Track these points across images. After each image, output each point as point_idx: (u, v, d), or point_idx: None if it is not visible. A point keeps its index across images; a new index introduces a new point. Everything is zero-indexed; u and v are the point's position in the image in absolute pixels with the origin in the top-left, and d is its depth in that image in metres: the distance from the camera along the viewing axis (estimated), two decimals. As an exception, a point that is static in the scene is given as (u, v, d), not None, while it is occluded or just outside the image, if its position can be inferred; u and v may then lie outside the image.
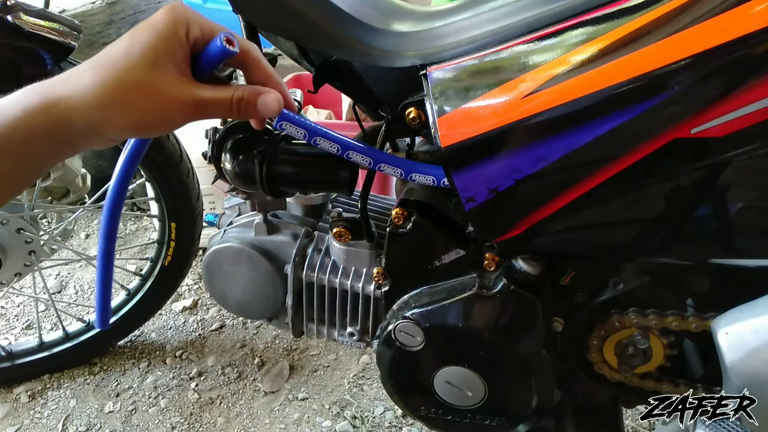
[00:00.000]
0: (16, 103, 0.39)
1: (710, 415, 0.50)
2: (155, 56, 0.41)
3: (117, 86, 0.41)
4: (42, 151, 0.41)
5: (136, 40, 0.42)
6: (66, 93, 0.40)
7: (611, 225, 0.55)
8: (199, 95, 0.43)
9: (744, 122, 0.43)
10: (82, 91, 0.40)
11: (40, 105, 0.40)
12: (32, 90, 0.40)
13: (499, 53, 0.51)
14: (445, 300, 0.63)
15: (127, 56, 0.41)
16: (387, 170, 0.57)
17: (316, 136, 0.56)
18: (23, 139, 0.39)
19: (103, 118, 0.41)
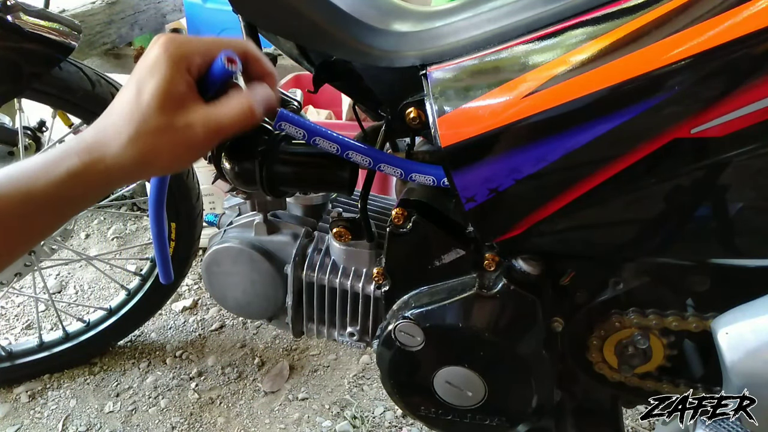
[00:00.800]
0: (58, 162, 0.43)
1: (710, 415, 0.50)
2: (164, 100, 0.44)
3: (142, 138, 0.44)
4: (81, 206, 0.46)
5: (143, 88, 0.44)
6: (101, 154, 0.44)
7: (611, 225, 0.55)
8: (216, 119, 0.46)
9: (744, 122, 0.43)
10: (115, 152, 0.44)
11: (81, 166, 0.43)
12: (70, 151, 0.44)
13: (499, 53, 0.51)
14: (445, 300, 0.63)
15: (140, 107, 0.44)
16: (387, 170, 0.57)
17: (315, 136, 0.56)
18: (68, 196, 0.44)
19: (140, 168, 0.45)
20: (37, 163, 0.43)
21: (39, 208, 0.43)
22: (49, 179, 0.42)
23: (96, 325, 1.35)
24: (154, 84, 0.44)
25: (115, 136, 0.44)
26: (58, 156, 0.44)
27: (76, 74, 1.02)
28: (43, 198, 0.42)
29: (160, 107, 0.44)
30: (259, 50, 0.51)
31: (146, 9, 2.01)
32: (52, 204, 0.43)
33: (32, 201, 0.42)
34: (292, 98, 0.72)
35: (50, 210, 0.44)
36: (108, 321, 1.35)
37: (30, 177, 0.42)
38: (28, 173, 0.43)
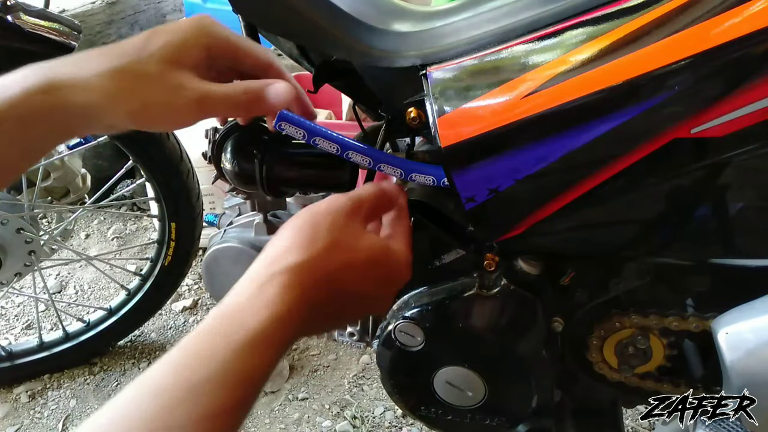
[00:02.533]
0: (14, 84, 0.38)
1: (710, 415, 0.50)
2: (171, 55, 0.41)
3: (125, 75, 0.40)
4: (38, 133, 0.39)
5: (155, 38, 0.41)
6: (68, 75, 0.39)
7: (611, 225, 0.55)
8: (206, 90, 0.42)
9: (744, 122, 0.43)
10: (85, 76, 0.39)
11: (40, 85, 0.38)
12: (32, 70, 0.39)
13: (499, 53, 0.51)
14: (445, 300, 0.63)
15: (142, 50, 0.40)
16: (387, 170, 0.57)
17: (315, 137, 0.56)
18: (19, 119, 0.38)
19: (104, 104, 0.40)
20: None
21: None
22: (1, 98, 0.37)
23: (96, 325, 1.35)
24: (169, 38, 0.41)
25: (95, 62, 0.39)
26: (19, 74, 0.38)
27: (76, 74, 1.02)
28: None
29: (162, 58, 0.40)
30: (254, 43, 0.48)
31: (146, 9, 2.01)
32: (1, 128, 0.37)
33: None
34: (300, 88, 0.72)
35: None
36: (108, 321, 1.35)
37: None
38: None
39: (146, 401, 0.31)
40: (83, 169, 1.43)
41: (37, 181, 1.26)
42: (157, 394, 0.31)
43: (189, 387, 0.31)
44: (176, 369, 0.32)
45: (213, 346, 0.34)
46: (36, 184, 1.26)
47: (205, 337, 0.34)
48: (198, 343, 0.34)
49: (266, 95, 0.45)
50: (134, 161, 1.16)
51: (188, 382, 0.32)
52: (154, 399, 0.31)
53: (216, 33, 0.44)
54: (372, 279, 0.44)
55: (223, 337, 0.34)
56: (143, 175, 1.19)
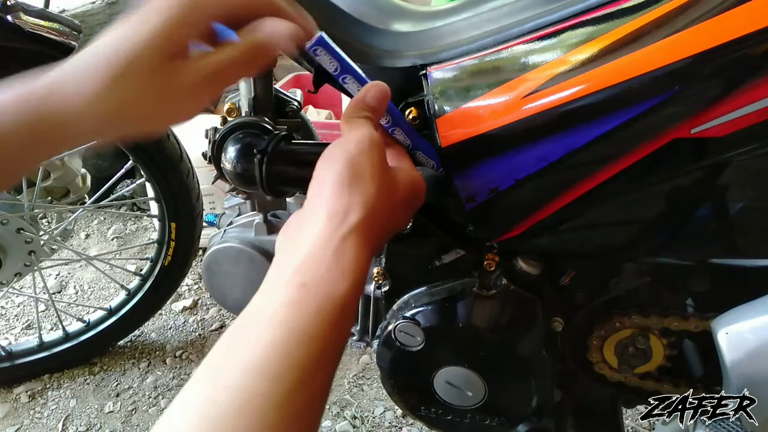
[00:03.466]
0: (5, 109, 0.35)
1: (710, 415, 0.50)
2: (165, 42, 0.36)
3: (126, 80, 0.35)
4: (33, 158, 0.37)
5: (141, 27, 0.36)
6: (62, 107, 0.35)
7: (611, 225, 0.55)
8: (208, 70, 0.38)
9: (744, 122, 0.43)
10: (79, 106, 0.35)
11: (30, 116, 0.35)
12: (21, 100, 0.35)
13: (499, 53, 0.51)
14: (445, 300, 0.63)
15: (134, 44, 0.35)
16: (398, 135, 0.54)
17: (346, 74, 0.52)
18: (15, 146, 0.35)
19: (115, 119, 0.37)
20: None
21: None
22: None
23: (96, 325, 1.35)
24: (158, 23, 0.36)
25: (89, 84, 0.35)
26: (11, 99, 0.35)
27: (76, 74, 1.02)
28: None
29: (159, 48, 0.36)
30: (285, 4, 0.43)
31: (146, 9, 2.01)
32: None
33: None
34: (292, 98, 0.72)
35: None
36: (108, 321, 1.35)
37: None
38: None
39: (268, 387, 0.31)
40: (83, 169, 1.43)
41: (37, 181, 1.26)
42: (277, 380, 0.31)
43: (303, 368, 0.32)
44: (285, 352, 0.32)
45: (311, 323, 0.34)
46: (36, 184, 1.26)
47: (298, 311, 0.34)
48: (294, 320, 0.34)
49: (270, 42, 0.41)
50: (134, 161, 1.16)
51: (301, 364, 0.32)
52: (277, 384, 0.31)
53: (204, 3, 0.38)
54: (407, 207, 0.45)
55: (316, 312, 0.34)
56: (143, 175, 1.19)
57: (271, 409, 0.30)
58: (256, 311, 0.35)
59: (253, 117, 0.66)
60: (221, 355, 0.33)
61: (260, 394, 0.31)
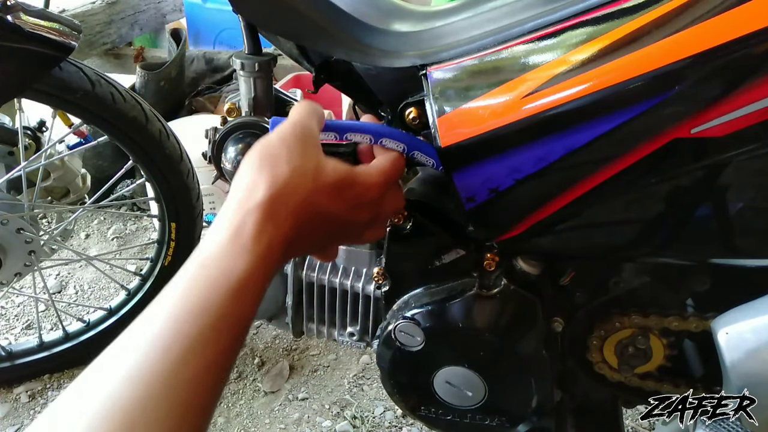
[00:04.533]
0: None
1: (710, 415, 0.50)
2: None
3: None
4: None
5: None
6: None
7: (611, 225, 0.55)
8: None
9: (744, 122, 0.43)
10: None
11: None
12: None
13: (499, 53, 0.51)
14: (445, 300, 0.63)
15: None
16: (388, 144, 0.54)
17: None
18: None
19: None
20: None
21: None
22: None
23: (96, 325, 1.35)
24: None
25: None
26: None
27: (76, 74, 1.02)
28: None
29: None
30: None
31: (146, 9, 2.01)
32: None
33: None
34: (292, 98, 0.72)
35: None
36: (108, 321, 1.35)
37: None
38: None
39: (157, 358, 0.32)
40: (83, 169, 1.43)
41: (37, 181, 1.26)
42: (165, 350, 0.32)
43: (192, 339, 0.33)
44: (176, 324, 0.34)
45: (204, 298, 0.35)
46: (36, 184, 1.26)
47: (193, 287, 0.36)
48: (189, 296, 0.35)
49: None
50: (134, 161, 1.15)
51: (190, 334, 0.33)
52: (164, 355, 0.32)
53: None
54: (343, 202, 0.45)
55: (211, 287, 0.35)
56: (143, 175, 1.19)
57: (157, 379, 0.32)
58: (164, 290, 0.37)
59: (253, 117, 0.66)
60: (126, 333, 0.35)
61: (147, 365, 0.32)
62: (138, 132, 1.10)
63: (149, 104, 1.14)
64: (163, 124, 1.15)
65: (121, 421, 0.30)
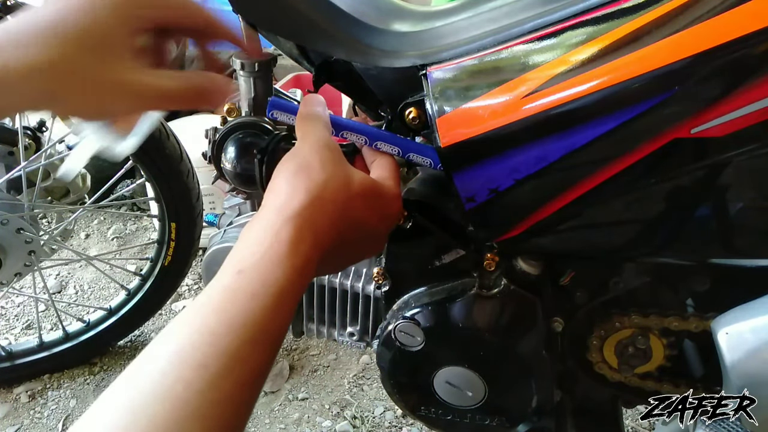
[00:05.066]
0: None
1: (710, 415, 0.50)
2: (112, 38, 0.36)
3: (64, 74, 0.35)
4: None
5: (93, 12, 0.36)
6: (6, 65, 0.34)
7: (611, 225, 0.55)
8: (142, 86, 0.38)
9: (744, 122, 0.43)
10: (26, 71, 0.34)
11: None
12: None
13: (499, 53, 0.51)
14: (445, 300, 0.63)
15: (81, 33, 0.35)
16: (383, 147, 0.55)
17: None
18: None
19: (41, 103, 0.36)
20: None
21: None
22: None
23: (96, 325, 1.35)
24: (89, 22, 0.36)
25: (30, 49, 0.34)
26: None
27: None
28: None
29: (89, 46, 0.36)
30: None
31: (146, 9, 2.01)
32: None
33: None
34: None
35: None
36: (108, 321, 1.35)
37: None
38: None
39: (194, 375, 0.30)
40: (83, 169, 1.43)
41: (37, 181, 1.26)
42: (201, 368, 0.31)
43: (230, 355, 0.31)
44: (215, 338, 0.32)
45: (243, 310, 0.33)
46: (36, 184, 1.26)
47: (231, 298, 0.34)
48: (228, 306, 0.33)
49: (206, 95, 0.42)
50: (134, 161, 1.16)
51: (228, 350, 0.31)
52: (201, 371, 0.31)
53: (139, 3, 0.38)
54: (372, 212, 0.44)
55: (251, 298, 0.34)
56: (143, 175, 1.19)
57: (193, 397, 0.30)
58: (197, 299, 0.35)
59: (253, 117, 0.66)
60: (158, 341, 0.33)
61: (182, 381, 0.30)
62: (138, 132, 1.10)
63: (149, 104, 1.14)
64: (163, 124, 1.15)
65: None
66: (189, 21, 0.42)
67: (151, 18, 0.39)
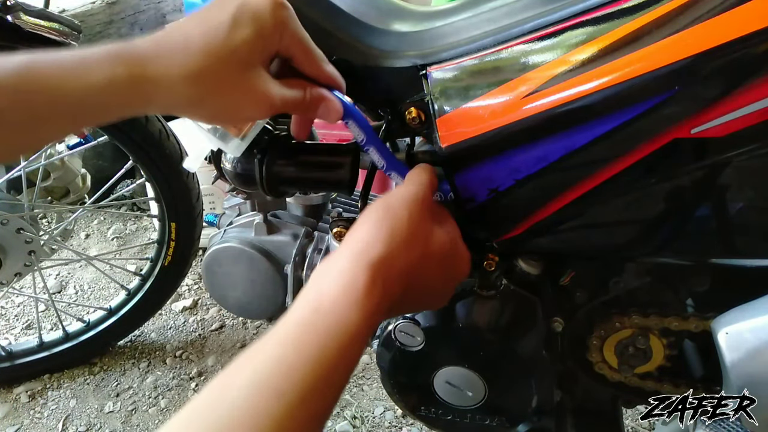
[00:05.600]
0: (100, 68, 0.37)
1: (710, 415, 0.50)
2: (250, 55, 0.41)
3: (208, 80, 0.39)
4: (108, 120, 0.39)
5: (238, 32, 0.40)
6: (155, 73, 0.38)
7: (611, 225, 0.55)
8: (278, 94, 0.43)
9: (744, 122, 0.43)
10: (172, 78, 0.38)
11: (127, 79, 0.37)
12: (118, 58, 0.37)
13: (499, 53, 0.51)
14: (445, 300, 0.63)
15: (225, 46, 0.40)
16: (373, 156, 0.55)
17: (370, 146, 0.54)
18: (99, 106, 0.37)
19: (184, 108, 0.40)
20: (71, 59, 0.36)
21: (61, 108, 0.36)
22: (86, 80, 0.36)
23: (96, 325, 1.35)
24: (250, 35, 0.40)
25: (181, 60, 0.39)
26: (105, 58, 0.37)
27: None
28: (70, 99, 0.36)
29: (241, 59, 0.40)
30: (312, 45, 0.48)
31: (146, 9, 2.01)
32: (77, 110, 0.37)
33: (55, 101, 0.36)
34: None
35: (74, 113, 0.37)
36: (108, 321, 1.35)
37: (59, 75, 0.36)
38: (55, 69, 0.36)
39: (271, 405, 0.32)
40: (83, 169, 1.43)
41: (37, 181, 1.26)
42: (279, 397, 0.32)
43: (305, 389, 0.33)
44: (291, 371, 0.33)
45: (319, 346, 0.35)
46: (36, 184, 1.26)
47: (309, 332, 0.35)
48: (303, 341, 0.35)
49: (321, 108, 0.48)
50: (134, 161, 1.16)
51: (304, 384, 0.33)
52: (278, 401, 0.32)
53: (293, 31, 0.44)
54: (442, 271, 0.46)
55: (326, 336, 0.35)
56: (143, 175, 1.19)
57: (270, 425, 0.31)
58: (274, 330, 0.36)
59: (253, 117, 0.66)
60: (234, 368, 0.34)
61: (261, 408, 0.31)
62: (138, 132, 1.10)
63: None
64: (163, 124, 1.15)
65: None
66: (301, 60, 0.47)
67: (278, 49, 0.44)
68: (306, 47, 0.46)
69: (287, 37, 0.44)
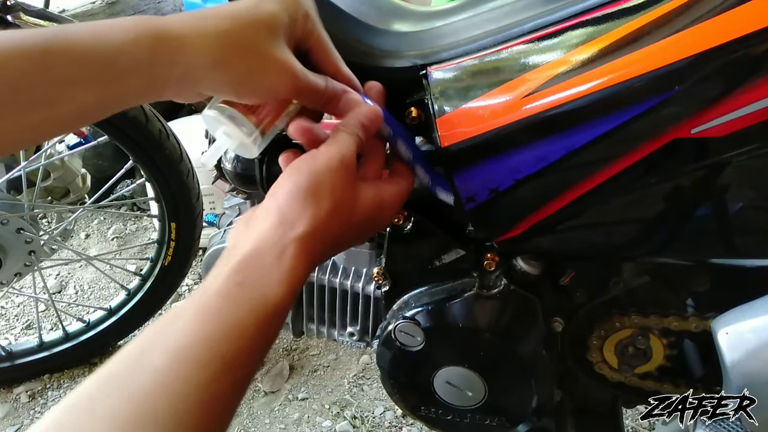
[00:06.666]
0: (127, 27, 0.37)
1: (710, 415, 0.50)
2: (278, 26, 0.41)
3: (235, 41, 0.40)
4: (133, 84, 0.38)
5: (266, 3, 0.41)
6: (180, 31, 0.38)
7: (611, 225, 0.55)
8: (302, 73, 0.43)
9: (744, 122, 0.43)
10: (197, 37, 0.39)
11: (151, 34, 0.37)
12: (146, 20, 0.38)
13: (499, 53, 0.51)
14: (445, 300, 0.63)
15: (252, 14, 0.40)
16: (400, 148, 0.53)
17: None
18: (125, 65, 0.37)
19: (209, 68, 0.40)
20: (100, 24, 0.37)
21: (89, 70, 0.36)
22: (111, 40, 0.36)
23: (96, 325, 1.35)
24: (278, 10, 0.41)
25: (212, 23, 0.39)
26: (130, 21, 0.37)
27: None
28: (98, 60, 0.36)
29: (270, 28, 0.41)
30: (331, 46, 0.49)
31: (146, 9, 2.01)
32: (102, 73, 0.36)
33: (83, 61, 0.36)
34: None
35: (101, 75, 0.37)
36: (108, 321, 1.35)
37: (86, 38, 0.36)
38: (83, 33, 0.36)
39: (193, 374, 0.33)
40: (83, 169, 1.43)
41: (37, 181, 1.26)
42: (202, 368, 0.33)
43: (228, 360, 0.34)
44: (212, 343, 0.34)
45: (242, 320, 0.36)
46: (36, 184, 1.26)
47: (230, 306, 0.36)
48: (226, 315, 0.36)
49: (341, 101, 0.47)
50: (134, 161, 1.16)
51: (227, 356, 0.34)
52: (199, 372, 0.33)
53: (315, 24, 0.45)
54: (367, 227, 0.46)
55: (248, 310, 0.36)
56: (143, 175, 1.19)
57: (192, 393, 0.32)
58: (192, 299, 0.37)
59: (253, 117, 0.66)
60: (152, 336, 0.35)
61: (183, 378, 0.32)
62: (138, 132, 1.10)
63: (149, 104, 1.14)
64: (163, 124, 1.15)
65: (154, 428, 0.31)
66: (320, 55, 0.47)
67: (300, 36, 0.44)
68: (326, 44, 0.47)
69: (309, 26, 0.44)
